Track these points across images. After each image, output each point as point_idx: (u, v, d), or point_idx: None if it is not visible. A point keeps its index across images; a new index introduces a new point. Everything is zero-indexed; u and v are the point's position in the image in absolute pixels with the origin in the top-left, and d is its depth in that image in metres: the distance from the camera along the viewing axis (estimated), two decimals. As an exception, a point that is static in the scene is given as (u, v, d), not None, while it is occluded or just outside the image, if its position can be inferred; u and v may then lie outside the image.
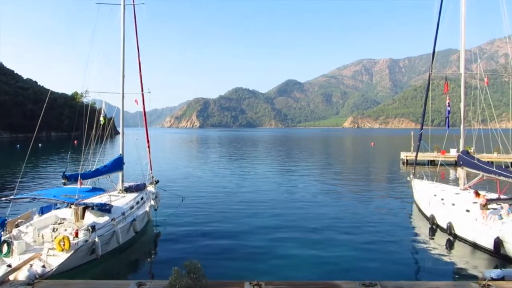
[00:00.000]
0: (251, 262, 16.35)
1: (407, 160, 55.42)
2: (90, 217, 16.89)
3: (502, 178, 19.88)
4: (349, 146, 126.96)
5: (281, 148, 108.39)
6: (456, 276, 15.31)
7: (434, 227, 21.70)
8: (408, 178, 29.38)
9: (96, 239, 14.98)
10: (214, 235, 20.21)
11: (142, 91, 24.40)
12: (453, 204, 21.04)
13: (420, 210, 25.20)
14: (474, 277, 14.25)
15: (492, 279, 12.47)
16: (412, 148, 61.86)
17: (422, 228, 22.18)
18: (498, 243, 16.35)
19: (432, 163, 46.93)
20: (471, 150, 30.91)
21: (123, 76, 22.73)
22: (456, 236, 19.53)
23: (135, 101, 24.43)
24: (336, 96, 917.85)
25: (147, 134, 25.73)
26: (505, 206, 18.22)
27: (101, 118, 22.83)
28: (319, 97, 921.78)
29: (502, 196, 20.19)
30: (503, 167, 22.07)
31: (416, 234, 21.43)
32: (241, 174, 46.37)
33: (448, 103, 24.13)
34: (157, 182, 26.19)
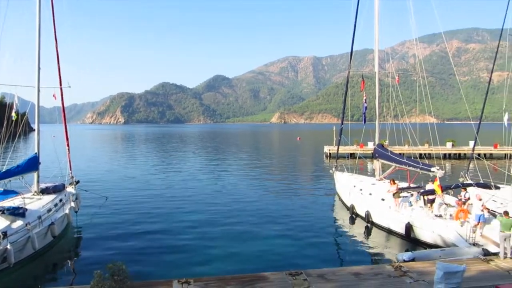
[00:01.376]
0: (179, 260, 16.14)
1: (330, 154, 58.32)
2: (1, 222, 15.40)
3: (411, 168, 21.86)
4: (276, 141, 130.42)
5: (209, 144, 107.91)
6: (374, 260, 16.57)
7: (354, 216, 23.22)
8: (331, 171, 31.03)
9: (8, 246, 13.69)
10: (140, 235, 19.57)
11: (61, 85, 22.64)
12: (370, 194, 22.70)
13: (341, 201, 26.79)
14: (389, 260, 15.54)
15: (404, 261, 13.75)
16: (334, 142, 65.27)
17: (343, 218, 23.62)
18: (409, 228, 18.01)
19: (352, 156, 50.01)
20: (386, 143, 33.47)
21: (39, 68, 20.86)
22: (373, 223, 21.10)
23: (53, 95, 22.59)
24: (264, 92, 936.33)
25: (66, 131, 23.96)
26: (415, 194, 20.09)
27: (13, 114, 20.79)
28: (247, 93, 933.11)
29: (411, 185, 22.22)
30: (412, 158, 24.24)
31: (337, 223, 22.77)
32: (168, 171, 45.35)
33: (365, 99, 25.87)
34: (77, 182, 24.58)
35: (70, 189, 23.18)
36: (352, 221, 22.75)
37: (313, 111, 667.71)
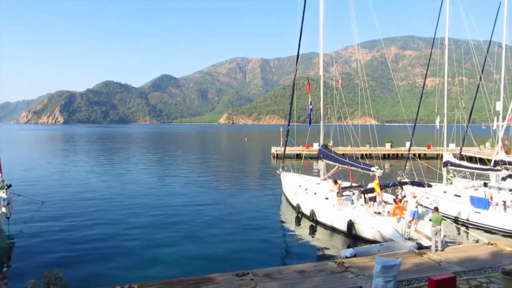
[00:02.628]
0: (122, 265, 15.57)
1: (277, 154, 59.23)
2: None
3: (353, 168, 22.82)
4: (224, 142, 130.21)
5: (154, 145, 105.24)
6: (318, 257, 17.10)
7: (299, 215, 23.79)
8: (278, 171, 31.53)
9: None
10: (79, 240, 18.62)
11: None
12: (315, 193, 23.40)
13: (288, 200, 27.33)
14: (332, 257, 16.09)
15: (346, 257, 14.33)
16: (281, 143, 66.39)
17: (289, 217, 24.11)
18: (350, 225, 18.80)
19: (299, 156, 51.21)
20: (330, 144, 34.65)
21: (-38, 63, 19.12)
22: (317, 222, 21.75)
23: None
24: (212, 92, 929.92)
25: (-5, 132, 22.19)
26: (356, 192, 20.99)
27: None
28: (195, 93, 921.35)
29: (353, 184, 23.21)
30: (354, 158, 25.33)
31: (284, 223, 23.21)
32: (109, 173, 43.57)
33: (310, 101, 26.63)
34: (9, 186, 22.85)
35: (0, 193, 21.51)
36: (298, 220, 23.29)
37: (261, 112, 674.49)
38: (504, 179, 25.63)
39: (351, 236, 18.93)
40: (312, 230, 21.17)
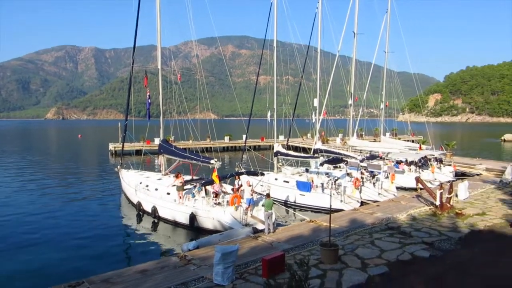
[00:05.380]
0: None
1: (115, 151, 55.86)
2: None
3: (194, 161, 23.21)
4: (54, 139, 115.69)
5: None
6: (162, 254, 16.84)
7: (141, 213, 23.00)
8: (116, 169, 29.77)
9: None
10: None
11: None
12: (156, 189, 22.97)
13: (128, 199, 26.09)
14: (176, 252, 16.07)
15: (189, 250, 14.51)
16: (120, 139, 62.81)
17: (130, 216, 23.07)
18: (192, 218, 19.14)
19: (139, 152, 49.29)
20: (171, 138, 34.43)
21: None
22: (160, 218, 21.42)
23: None
24: (36, 83, 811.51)
25: None
26: (197, 185, 21.43)
27: None
28: (14, 84, 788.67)
29: (194, 177, 23.64)
30: (195, 152, 25.75)
31: (124, 223, 22.07)
32: None
33: (149, 95, 25.88)
34: None
35: None
36: (139, 218, 22.49)
37: (96, 106, 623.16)
38: (321, 164, 30.00)
39: (194, 228, 19.28)
40: (155, 227, 20.75)
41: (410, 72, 45.91)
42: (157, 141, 53.50)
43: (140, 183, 24.48)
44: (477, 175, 33.04)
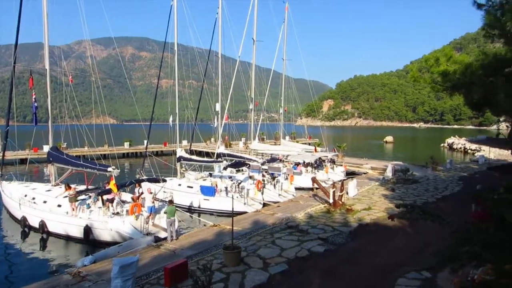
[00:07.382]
0: None
1: (-5, 161, 49.21)
2: None
3: (88, 170, 21.56)
4: None
5: None
6: (53, 272, 15.26)
7: (26, 230, 20.62)
8: (-6, 181, 26.27)
9: None
10: None
11: None
12: (45, 202, 20.85)
13: (10, 214, 23.20)
14: (68, 269, 14.71)
15: (85, 266, 13.39)
16: None
17: (13, 234, 20.53)
18: (87, 230, 17.77)
19: (24, 161, 44.23)
20: (63, 145, 31.57)
21: None
22: (49, 233, 19.47)
23: None
24: None
25: None
26: (92, 195, 19.99)
27: None
28: None
29: (90, 187, 22.01)
30: (91, 160, 23.97)
31: (6, 242, 19.54)
32: None
33: (35, 98, 23.39)
34: None
35: None
36: (25, 235, 20.13)
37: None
38: (225, 168, 30.30)
39: (90, 242, 17.92)
40: (43, 244, 18.78)
41: (306, 79, 49.10)
42: (46, 148, 48.64)
43: (25, 195, 21.93)
44: (364, 173, 36.63)
